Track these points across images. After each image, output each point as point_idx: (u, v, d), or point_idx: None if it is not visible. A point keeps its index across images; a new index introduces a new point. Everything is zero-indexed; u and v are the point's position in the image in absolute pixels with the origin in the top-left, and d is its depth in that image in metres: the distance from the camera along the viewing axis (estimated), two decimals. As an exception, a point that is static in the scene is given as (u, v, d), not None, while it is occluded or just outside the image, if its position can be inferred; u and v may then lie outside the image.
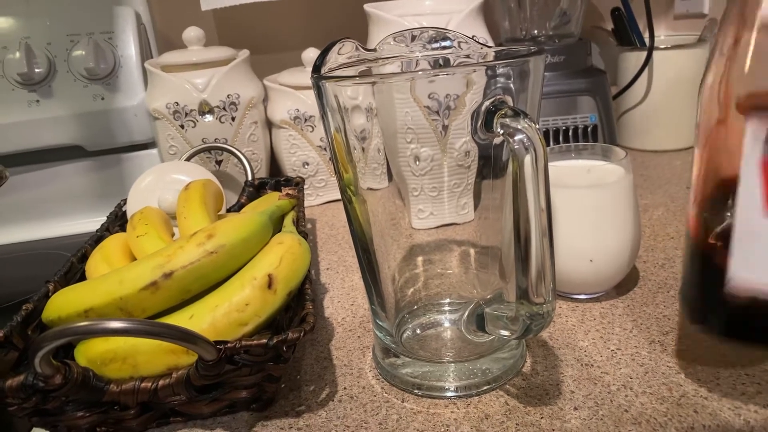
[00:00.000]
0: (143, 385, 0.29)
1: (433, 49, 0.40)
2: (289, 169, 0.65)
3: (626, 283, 0.42)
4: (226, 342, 0.28)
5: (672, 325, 0.37)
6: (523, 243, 0.24)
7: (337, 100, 0.29)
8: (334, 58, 0.33)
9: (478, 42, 0.37)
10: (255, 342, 0.28)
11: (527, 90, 0.30)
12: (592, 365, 0.34)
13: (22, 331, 0.33)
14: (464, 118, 0.35)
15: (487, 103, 0.26)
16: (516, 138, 0.23)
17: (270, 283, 0.31)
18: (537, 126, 0.24)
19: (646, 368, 0.33)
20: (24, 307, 0.34)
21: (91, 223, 0.64)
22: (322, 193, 0.66)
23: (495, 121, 0.25)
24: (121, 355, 0.30)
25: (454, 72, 0.32)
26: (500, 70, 0.29)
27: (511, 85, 0.29)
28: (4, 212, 0.65)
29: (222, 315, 0.30)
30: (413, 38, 0.43)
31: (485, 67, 0.29)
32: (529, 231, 0.24)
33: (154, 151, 0.67)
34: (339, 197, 0.67)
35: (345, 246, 0.54)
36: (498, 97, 0.26)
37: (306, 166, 0.64)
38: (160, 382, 0.29)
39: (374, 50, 0.37)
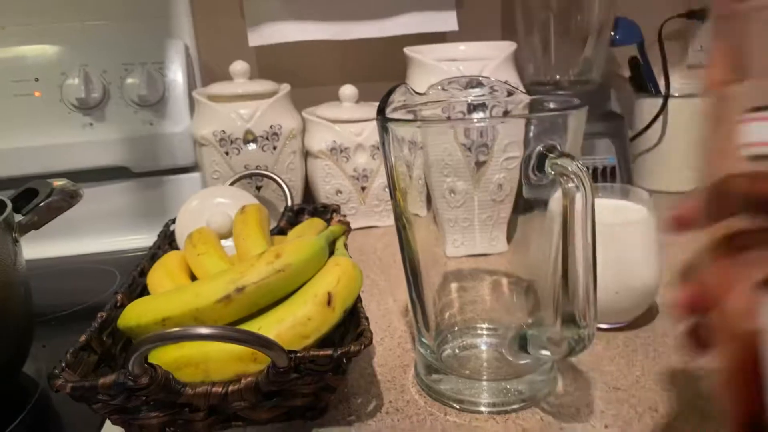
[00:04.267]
0: (215, 389, 0.32)
1: (473, 96, 0.44)
2: (323, 196, 0.68)
3: (646, 314, 0.45)
4: (296, 351, 0.31)
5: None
6: (572, 273, 0.28)
7: (397, 136, 0.33)
8: (392, 99, 0.37)
9: (511, 86, 0.41)
10: (321, 352, 0.31)
11: (567, 140, 0.34)
12: (619, 388, 0.36)
13: (98, 337, 0.36)
14: (498, 155, 0.38)
15: (539, 147, 0.29)
16: (568, 178, 0.27)
17: (329, 301, 0.34)
18: (585, 168, 0.27)
19: (669, 393, 0.36)
20: (99, 315, 0.37)
21: (134, 240, 0.68)
22: (352, 220, 0.70)
23: (547, 163, 0.28)
24: (194, 361, 0.33)
25: (508, 120, 0.36)
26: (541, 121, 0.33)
27: (553, 133, 0.33)
28: (53, 227, 0.68)
29: (287, 328, 0.33)
30: (457, 84, 0.47)
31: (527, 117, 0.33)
32: (576, 262, 0.27)
33: (195, 175, 0.70)
34: (368, 224, 0.70)
35: (376, 270, 0.58)
36: (550, 142, 0.29)
37: (339, 194, 0.68)
38: (231, 387, 0.32)
39: (423, 94, 0.41)
